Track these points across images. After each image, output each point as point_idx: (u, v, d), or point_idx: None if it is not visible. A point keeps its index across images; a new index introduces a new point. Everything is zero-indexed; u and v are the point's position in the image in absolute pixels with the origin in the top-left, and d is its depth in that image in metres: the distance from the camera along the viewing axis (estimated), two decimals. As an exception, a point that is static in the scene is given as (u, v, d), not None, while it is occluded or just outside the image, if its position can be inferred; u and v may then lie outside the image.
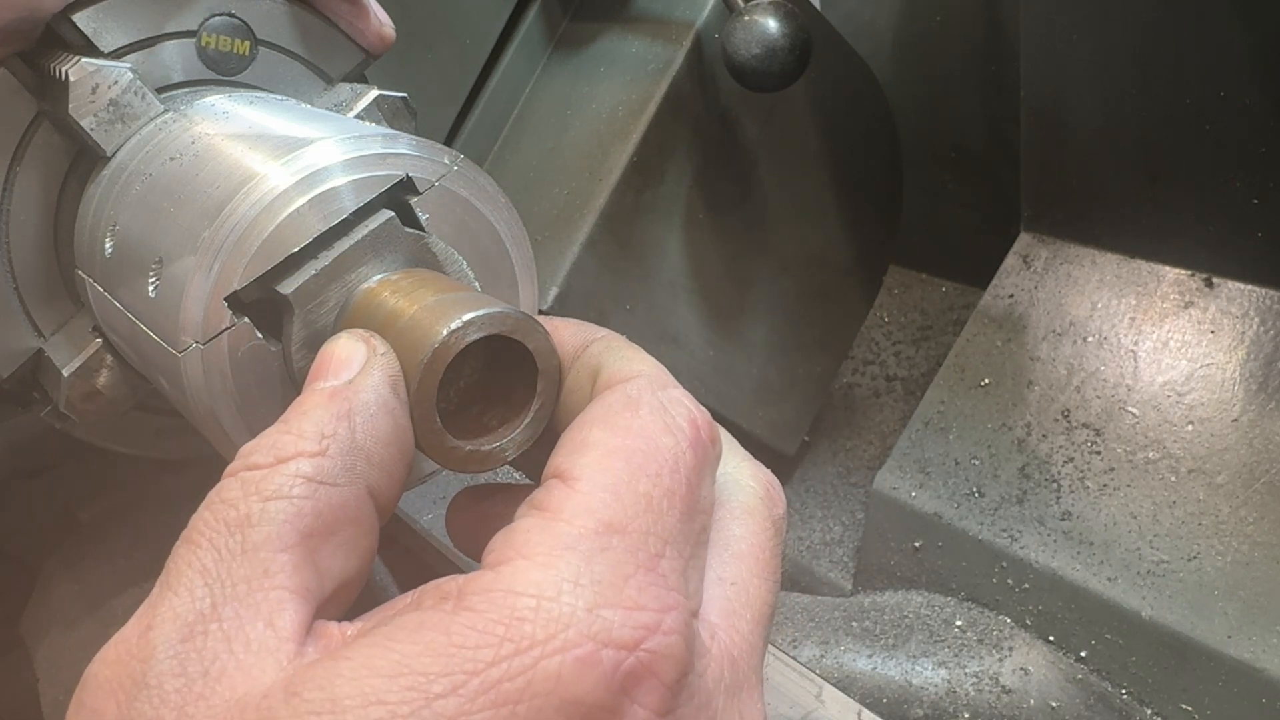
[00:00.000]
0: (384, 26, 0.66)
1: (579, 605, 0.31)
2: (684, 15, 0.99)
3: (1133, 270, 1.02)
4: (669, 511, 0.35)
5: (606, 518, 0.34)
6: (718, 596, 0.38)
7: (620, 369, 0.41)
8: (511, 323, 0.40)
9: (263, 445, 0.37)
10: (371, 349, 0.40)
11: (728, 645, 0.37)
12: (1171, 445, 0.93)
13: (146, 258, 0.48)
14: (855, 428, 1.33)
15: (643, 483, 0.35)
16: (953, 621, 0.96)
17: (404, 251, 0.46)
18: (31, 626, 0.89)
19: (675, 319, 1.05)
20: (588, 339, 0.44)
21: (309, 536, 0.35)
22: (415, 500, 0.94)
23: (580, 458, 0.36)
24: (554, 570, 0.32)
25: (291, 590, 0.34)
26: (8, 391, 0.61)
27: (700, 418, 0.39)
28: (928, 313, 1.41)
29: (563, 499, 0.34)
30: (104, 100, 0.54)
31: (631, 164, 0.96)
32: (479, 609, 0.31)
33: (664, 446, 0.37)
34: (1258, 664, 0.81)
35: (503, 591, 0.31)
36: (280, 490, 0.35)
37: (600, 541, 0.33)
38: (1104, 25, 0.96)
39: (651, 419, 0.37)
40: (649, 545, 0.34)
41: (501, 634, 0.30)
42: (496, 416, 0.43)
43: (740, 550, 0.40)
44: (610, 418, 0.38)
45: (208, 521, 0.35)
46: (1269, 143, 0.89)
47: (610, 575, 0.32)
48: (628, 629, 0.31)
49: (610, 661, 0.31)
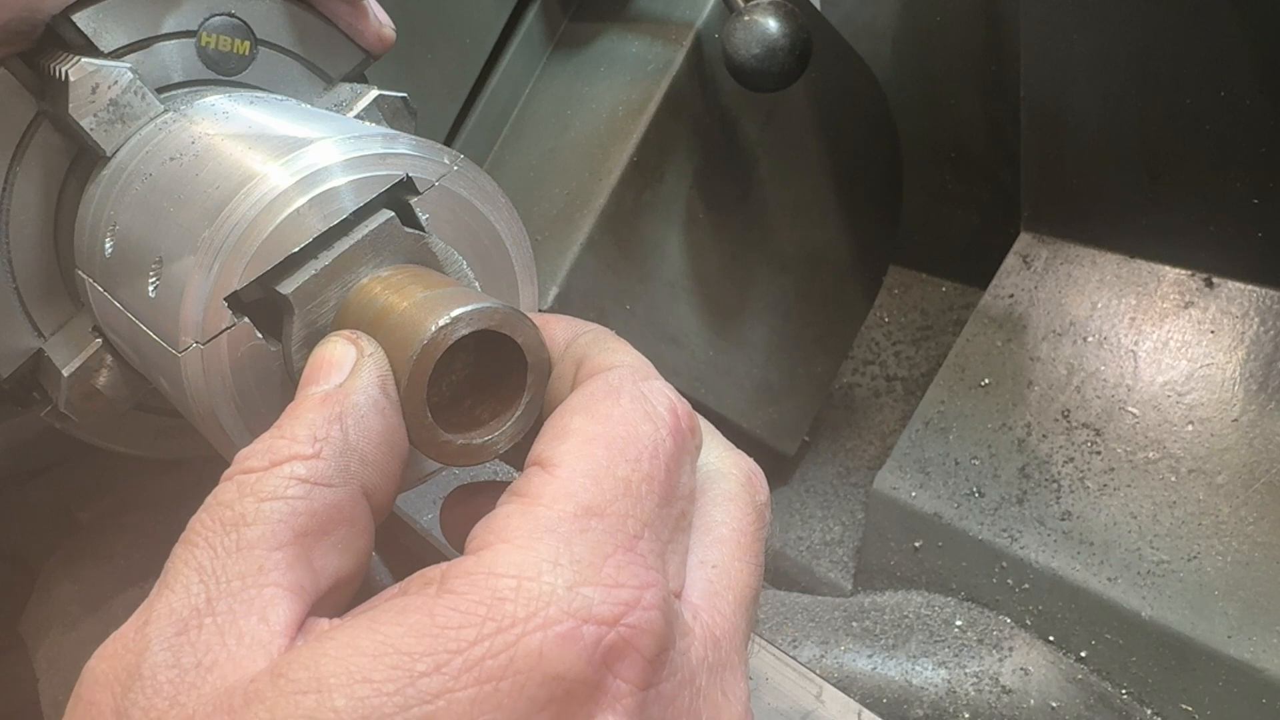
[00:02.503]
0: (384, 27, 0.66)
1: (559, 584, 0.32)
2: (684, 15, 0.99)
3: (1133, 270, 1.02)
4: (647, 496, 0.36)
5: (585, 501, 0.34)
6: (699, 579, 0.39)
7: (603, 359, 0.42)
8: (499, 317, 0.40)
9: (258, 450, 0.38)
10: (360, 350, 0.41)
11: (710, 625, 0.37)
12: (1171, 445, 0.93)
13: (146, 258, 0.48)
14: (855, 428, 1.33)
15: (621, 467, 0.36)
16: (953, 621, 0.96)
17: (404, 251, 0.46)
18: (31, 626, 0.89)
19: (675, 319, 1.05)
20: (576, 332, 0.45)
21: (303, 535, 0.36)
22: (415, 500, 0.94)
23: (560, 445, 0.37)
24: (533, 552, 0.33)
25: (285, 587, 0.34)
26: (8, 391, 0.61)
27: (680, 407, 0.40)
28: (928, 313, 1.41)
29: (542, 485, 0.35)
30: (104, 100, 0.54)
31: (631, 164, 0.96)
32: (461, 591, 0.32)
33: (644, 433, 0.37)
34: (1258, 664, 0.81)
35: (484, 574, 0.32)
36: (275, 491, 0.36)
37: (579, 524, 0.34)
38: (1104, 25, 0.96)
39: (632, 407, 0.38)
40: (627, 527, 0.35)
41: (484, 613, 0.31)
42: (488, 410, 0.44)
43: (721, 535, 0.40)
44: (591, 405, 0.38)
45: (204, 523, 0.36)
46: (1269, 143, 0.89)
47: (589, 555, 0.33)
48: (607, 605, 0.32)
49: (591, 637, 0.31)
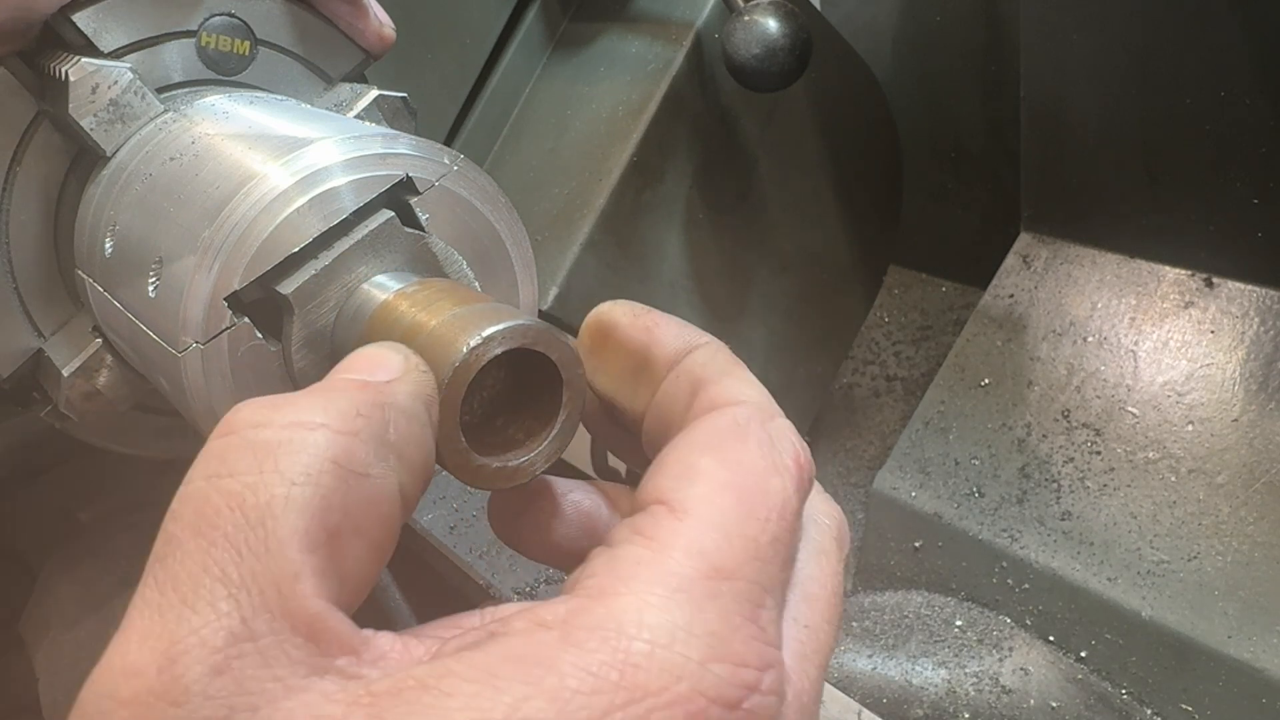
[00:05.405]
0: (384, 27, 0.66)
1: (692, 657, 0.30)
2: (684, 15, 0.99)
3: (1133, 270, 1.02)
4: (772, 560, 0.34)
5: (717, 561, 0.33)
6: (792, 639, 0.37)
7: (726, 389, 0.40)
8: (534, 335, 0.39)
9: (272, 406, 0.33)
10: (411, 364, 0.38)
11: (799, 691, 0.36)
12: (1171, 445, 0.93)
13: (146, 258, 0.48)
14: (855, 428, 1.33)
15: (751, 526, 0.34)
16: (953, 621, 0.96)
17: (404, 251, 0.46)
18: (31, 626, 0.89)
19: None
20: (691, 343, 0.42)
21: (335, 536, 0.32)
22: (415, 500, 0.94)
23: (690, 488, 0.35)
24: (667, 615, 0.31)
25: (324, 596, 0.31)
26: (8, 391, 0.61)
27: (803, 455, 0.38)
28: (928, 313, 1.41)
29: (672, 533, 0.33)
30: (104, 100, 0.54)
31: (631, 164, 0.96)
32: (590, 649, 0.30)
33: (773, 488, 0.35)
34: (1258, 664, 0.81)
35: (614, 631, 0.30)
36: (308, 473, 0.31)
37: (710, 586, 0.32)
38: (1104, 25, 0.96)
39: (760, 455, 0.36)
40: (754, 595, 0.33)
41: (616, 680, 0.29)
42: (522, 429, 0.42)
43: (813, 593, 0.39)
44: (719, 447, 0.36)
45: (218, 508, 0.31)
46: (1269, 143, 0.89)
47: (720, 626, 0.31)
48: (734, 688, 0.31)
49: (716, 719, 0.30)
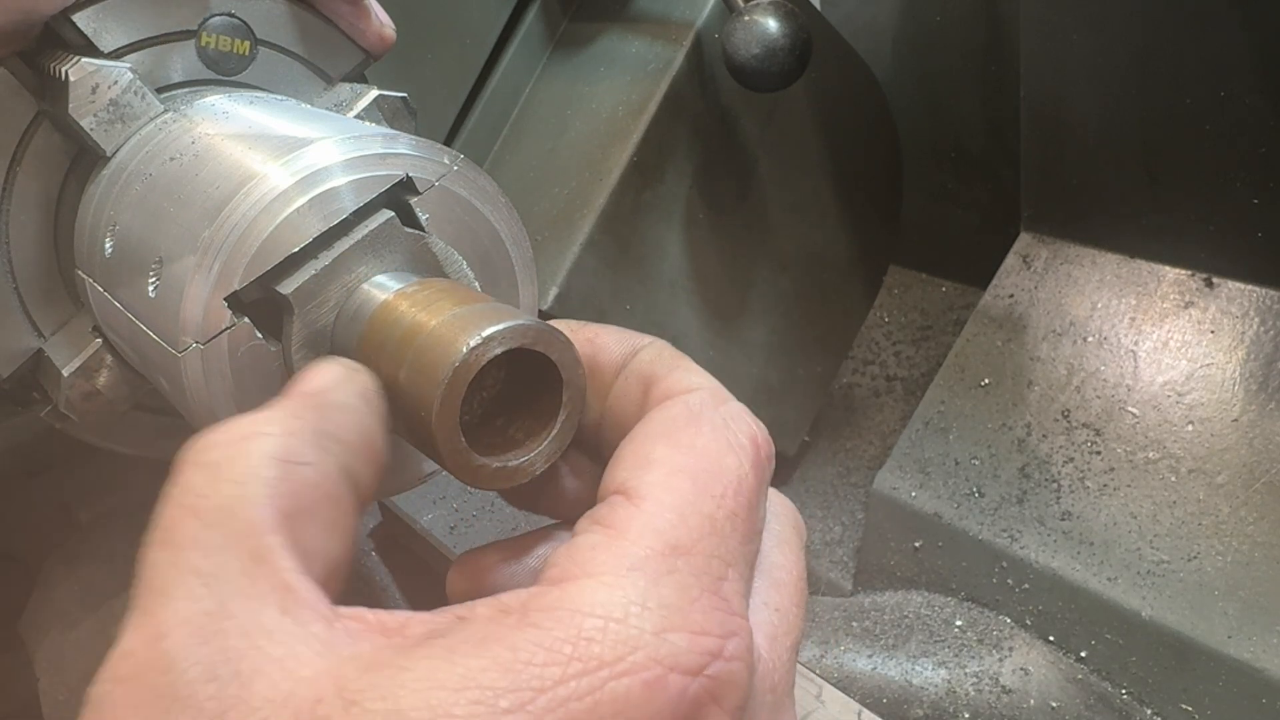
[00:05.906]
0: (384, 27, 0.66)
1: (646, 628, 0.31)
2: (684, 15, 0.99)
3: (1133, 270, 1.02)
4: (731, 534, 0.35)
5: (672, 539, 0.34)
6: (763, 621, 0.38)
7: (677, 380, 0.41)
8: (534, 335, 0.39)
9: (220, 428, 0.36)
10: (347, 369, 0.40)
11: (770, 670, 0.37)
12: (1171, 445, 0.93)
13: (146, 258, 0.48)
14: (855, 428, 1.33)
15: (707, 504, 0.35)
16: (953, 621, 0.96)
17: (404, 251, 0.46)
18: (31, 626, 0.89)
19: (675, 319, 1.05)
20: (635, 346, 0.44)
21: (289, 518, 0.34)
22: (415, 500, 0.94)
23: (645, 474, 0.36)
24: (621, 591, 0.32)
25: (288, 573, 0.33)
26: (8, 391, 0.61)
27: (760, 435, 0.39)
28: (928, 313, 1.41)
29: (628, 517, 0.34)
30: (104, 100, 0.54)
31: (631, 164, 0.96)
32: (545, 626, 0.31)
33: (728, 467, 0.37)
34: (1258, 664, 0.81)
35: (569, 610, 0.31)
36: (251, 472, 0.34)
37: (666, 563, 0.33)
38: (1104, 25, 0.96)
39: (714, 437, 0.37)
40: (713, 568, 0.34)
41: (569, 653, 0.30)
42: (521, 428, 0.42)
43: (780, 579, 0.40)
44: (673, 434, 0.37)
45: (180, 520, 0.33)
46: (1269, 143, 0.89)
47: (676, 599, 0.32)
48: (694, 654, 0.31)
49: (676, 686, 0.31)
